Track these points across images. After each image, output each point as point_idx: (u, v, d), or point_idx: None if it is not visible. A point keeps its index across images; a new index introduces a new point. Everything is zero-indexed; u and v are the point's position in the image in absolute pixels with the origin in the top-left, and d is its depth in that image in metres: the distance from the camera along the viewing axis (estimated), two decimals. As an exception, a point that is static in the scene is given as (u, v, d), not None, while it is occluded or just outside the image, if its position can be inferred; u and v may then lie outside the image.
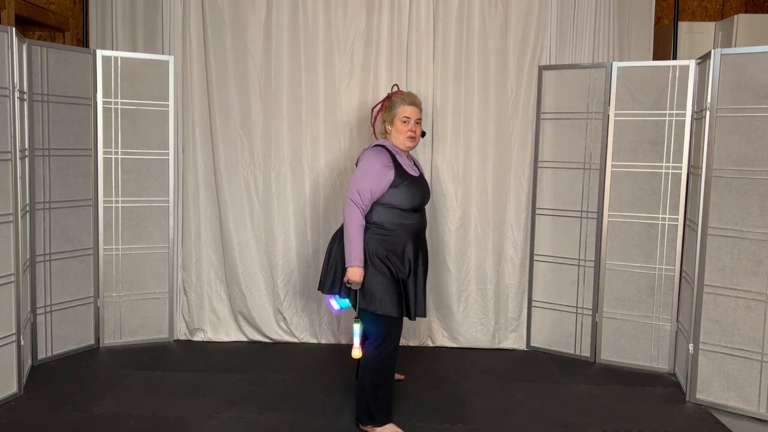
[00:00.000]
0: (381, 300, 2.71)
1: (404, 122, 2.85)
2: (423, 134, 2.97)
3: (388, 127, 2.89)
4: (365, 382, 2.79)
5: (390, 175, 2.74)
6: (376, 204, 2.76)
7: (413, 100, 2.90)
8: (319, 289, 2.90)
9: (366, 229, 2.74)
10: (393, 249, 2.76)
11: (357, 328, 2.73)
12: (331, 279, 2.83)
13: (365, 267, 2.72)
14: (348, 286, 2.73)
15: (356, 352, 2.73)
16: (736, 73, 3.03)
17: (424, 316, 2.87)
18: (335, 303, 2.88)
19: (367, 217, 2.76)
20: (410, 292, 2.80)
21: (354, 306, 2.77)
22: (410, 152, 3.00)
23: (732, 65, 3.04)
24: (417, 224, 2.84)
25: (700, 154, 3.19)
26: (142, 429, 2.82)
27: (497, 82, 3.82)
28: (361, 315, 2.77)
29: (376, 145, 2.85)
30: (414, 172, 2.85)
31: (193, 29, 3.86)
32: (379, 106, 3.02)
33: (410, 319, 2.83)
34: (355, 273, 2.68)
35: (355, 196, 2.70)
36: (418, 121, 2.90)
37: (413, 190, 2.79)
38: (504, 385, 3.40)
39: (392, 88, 3.09)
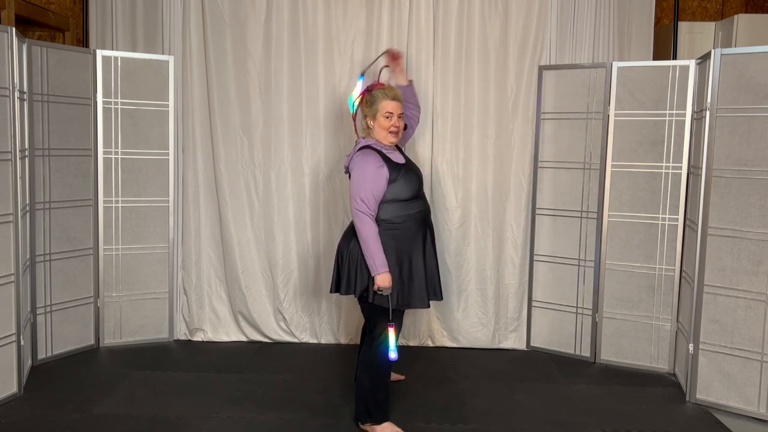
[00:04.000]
0: (390, 294, 2.71)
1: (387, 118, 2.82)
2: (405, 127, 2.95)
3: (370, 123, 2.86)
4: (364, 381, 2.79)
5: (385, 173, 2.73)
6: (380, 202, 2.76)
7: (395, 95, 2.86)
8: (335, 292, 2.89)
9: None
10: (406, 241, 2.77)
11: (392, 332, 2.70)
12: (345, 279, 2.82)
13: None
14: (379, 293, 2.71)
15: (393, 355, 2.69)
16: (736, 73, 3.03)
17: (441, 298, 2.92)
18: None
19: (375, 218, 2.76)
20: (429, 276, 2.84)
21: (388, 309, 2.73)
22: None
23: (732, 65, 3.04)
24: (422, 211, 2.85)
25: (700, 154, 3.19)
26: (142, 429, 2.82)
27: (497, 82, 3.82)
28: (367, 312, 2.77)
29: (362, 148, 2.83)
30: (401, 160, 2.85)
31: (193, 29, 3.86)
32: (359, 99, 2.96)
33: (426, 306, 2.85)
34: (384, 279, 2.68)
35: (360, 206, 2.70)
36: (400, 116, 2.87)
37: (409, 178, 2.80)
38: (504, 385, 3.40)
39: (379, 69, 3.03)
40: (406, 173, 2.79)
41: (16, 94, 3.06)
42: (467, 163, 3.86)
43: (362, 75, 2.81)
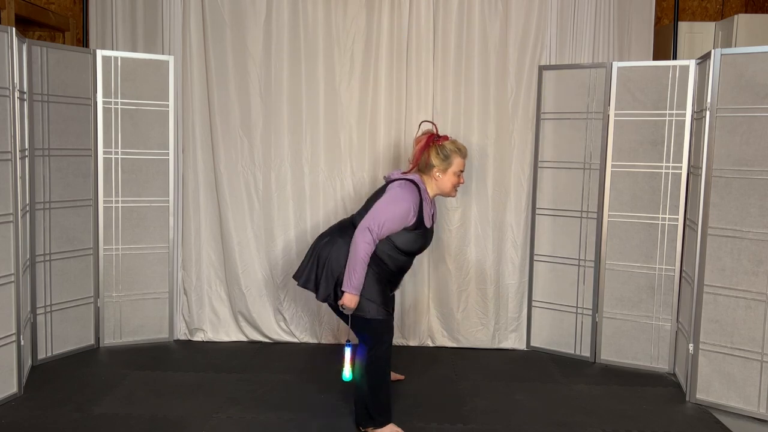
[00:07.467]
0: (368, 306, 2.74)
1: (458, 175, 2.91)
2: None
3: (438, 174, 2.89)
4: (364, 385, 2.79)
5: (410, 221, 2.76)
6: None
7: (466, 153, 2.95)
8: (304, 287, 2.88)
9: None
10: (381, 272, 2.81)
11: (348, 351, 2.76)
12: (318, 283, 2.84)
13: None
14: (342, 309, 2.75)
15: (347, 374, 2.76)
16: (736, 73, 3.03)
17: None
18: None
19: None
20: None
21: (347, 323, 2.80)
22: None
23: (732, 65, 3.04)
24: (404, 263, 2.89)
25: (700, 154, 3.19)
26: (142, 429, 2.82)
27: (497, 82, 3.82)
28: (353, 320, 2.78)
29: (410, 180, 2.83)
30: (429, 223, 2.88)
31: (193, 29, 3.86)
32: (423, 142, 2.92)
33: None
34: (351, 300, 2.70)
35: (374, 228, 2.70)
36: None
37: (418, 239, 2.82)
38: (504, 385, 3.40)
39: (424, 125, 3.08)
40: (422, 234, 2.83)
41: (16, 94, 3.06)
42: (467, 164, 3.83)
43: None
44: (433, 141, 2.90)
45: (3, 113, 2.98)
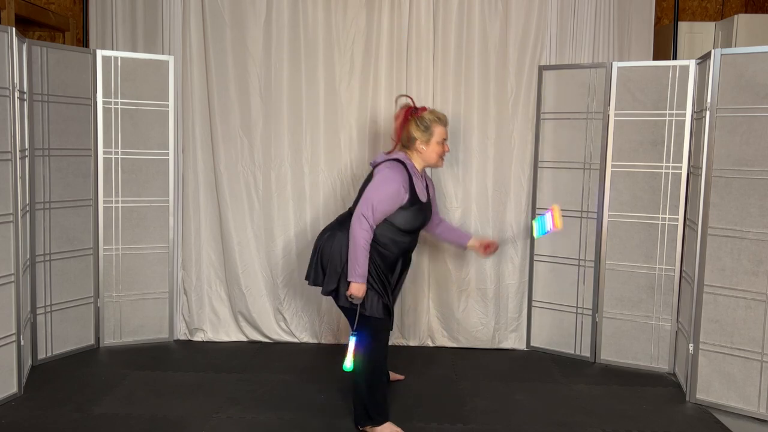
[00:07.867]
0: (369, 301, 2.74)
1: (441, 144, 2.88)
2: None
3: (421, 147, 2.86)
4: (361, 384, 2.80)
5: (404, 198, 2.75)
6: None
7: (446, 120, 2.92)
8: (314, 284, 2.89)
9: None
10: (388, 263, 2.81)
11: (353, 340, 2.75)
12: (328, 278, 2.83)
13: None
14: (350, 300, 2.74)
15: (348, 364, 2.75)
16: (736, 73, 3.03)
17: (391, 329, 2.94)
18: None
19: None
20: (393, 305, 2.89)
21: (353, 321, 2.79)
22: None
23: (732, 65, 3.04)
24: (408, 243, 2.88)
25: (700, 154, 3.19)
26: (142, 429, 2.82)
27: (497, 82, 3.82)
28: (350, 316, 2.78)
29: (395, 160, 2.82)
30: (423, 197, 2.86)
31: (193, 29, 3.86)
32: (402, 117, 2.91)
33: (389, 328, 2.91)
34: (359, 289, 2.69)
35: (368, 213, 2.70)
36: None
37: (417, 215, 2.81)
38: (504, 385, 3.40)
39: (400, 100, 3.03)
40: (417, 210, 2.81)
41: (16, 94, 3.06)
42: (467, 164, 3.86)
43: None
44: (411, 114, 2.88)
45: (3, 113, 2.98)
